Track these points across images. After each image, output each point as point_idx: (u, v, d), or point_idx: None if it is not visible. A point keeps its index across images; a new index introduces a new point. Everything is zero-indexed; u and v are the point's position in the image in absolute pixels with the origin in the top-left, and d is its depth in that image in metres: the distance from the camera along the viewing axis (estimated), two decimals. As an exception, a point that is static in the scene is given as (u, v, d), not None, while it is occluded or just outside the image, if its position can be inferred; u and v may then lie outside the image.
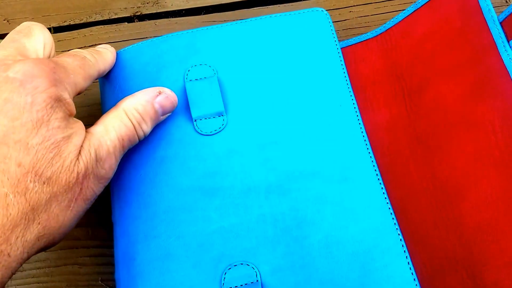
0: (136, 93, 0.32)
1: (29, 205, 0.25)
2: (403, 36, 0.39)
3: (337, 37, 0.42)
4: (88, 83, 0.32)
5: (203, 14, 0.45)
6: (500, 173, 0.32)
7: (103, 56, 0.35)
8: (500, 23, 0.35)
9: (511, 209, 0.31)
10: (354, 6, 0.43)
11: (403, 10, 0.40)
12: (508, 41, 0.34)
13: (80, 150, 0.28)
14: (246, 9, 0.45)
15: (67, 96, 0.29)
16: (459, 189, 0.33)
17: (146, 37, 0.44)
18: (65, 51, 0.43)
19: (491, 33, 0.35)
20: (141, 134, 0.31)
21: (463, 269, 0.32)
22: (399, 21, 0.39)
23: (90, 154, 0.28)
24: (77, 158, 0.28)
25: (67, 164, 0.27)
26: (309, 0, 0.44)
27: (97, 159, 0.29)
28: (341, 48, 0.40)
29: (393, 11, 0.43)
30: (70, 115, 0.29)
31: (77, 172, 0.27)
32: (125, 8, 0.45)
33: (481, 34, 0.35)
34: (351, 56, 0.40)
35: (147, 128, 0.32)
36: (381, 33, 0.40)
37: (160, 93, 0.33)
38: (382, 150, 0.36)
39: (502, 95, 0.33)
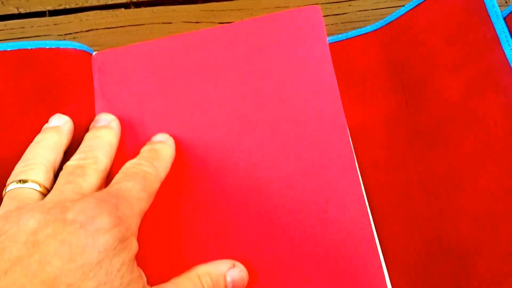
0: (210, 262, 0.28)
1: None
2: (404, 30, 0.36)
3: (336, 30, 0.39)
4: (152, 200, 0.28)
5: (201, 2, 0.41)
6: (500, 167, 0.30)
7: (163, 159, 0.29)
8: (504, 18, 0.32)
9: (509, 201, 0.29)
10: (353, 0, 0.40)
11: (403, 5, 0.36)
12: (512, 36, 0.31)
13: None
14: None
15: (132, 234, 0.25)
16: (457, 181, 0.31)
17: (143, 24, 0.40)
18: (62, 35, 0.39)
19: (494, 28, 0.32)
20: None
21: (456, 258, 0.29)
22: (401, 15, 0.36)
23: None
24: None
25: None
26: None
27: None
28: (340, 41, 0.37)
29: (392, 6, 0.39)
30: (134, 259, 0.25)
31: None
32: (122, -7, 0.41)
33: (484, 29, 0.33)
34: (350, 49, 0.37)
35: None
36: (382, 27, 0.37)
37: (234, 266, 0.28)
38: (381, 142, 0.34)
39: (504, 89, 0.31)
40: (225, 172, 0.30)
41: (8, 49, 0.32)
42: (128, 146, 0.31)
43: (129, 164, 0.28)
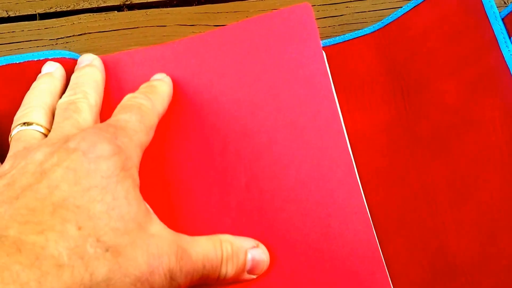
0: (236, 236, 0.27)
1: (86, 270, 0.21)
2: (402, 33, 0.35)
3: (333, 32, 0.38)
4: (151, 135, 0.28)
5: (195, 5, 0.40)
6: (500, 174, 0.29)
7: (159, 93, 0.30)
8: (502, 19, 0.32)
9: (511, 210, 0.28)
10: (351, 1, 0.39)
11: (400, 7, 0.36)
12: (510, 37, 0.31)
13: (156, 236, 0.24)
14: (239, 1, 0.40)
15: (133, 165, 0.25)
16: (459, 192, 0.30)
17: (137, 27, 0.39)
18: (53, 39, 0.38)
19: (492, 29, 0.32)
20: (223, 272, 0.26)
21: (462, 275, 0.28)
22: (398, 17, 0.35)
23: (170, 246, 0.24)
24: (150, 239, 0.23)
25: (136, 240, 0.23)
26: (304, -6, 0.40)
27: (177, 256, 0.24)
28: (337, 44, 0.36)
29: (390, 8, 0.39)
30: (139, 191, 0.25)
31: (149, 251, 0.23)
32: (114, -4, 0.40)
33: (482, 30, 0.32)
34: (348, 52, 0.36)
35: (230, 271, 0.26)
36: (379, 29, 0.36)
37: (258, 246, 0.28)
38: (381, 151, 0.33)
39: (503, 92, 0.30)
40: (224, 184, 0.29)
41: None
42: None
43: (126, 98, 0.29)
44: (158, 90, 0.30)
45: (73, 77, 0.30)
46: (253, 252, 0.27)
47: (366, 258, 0.27)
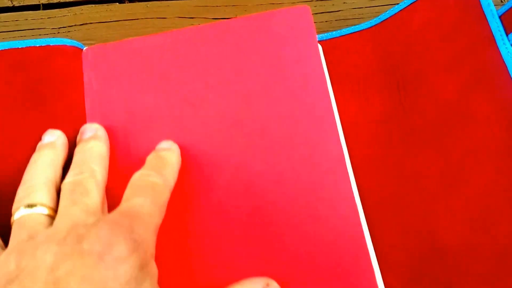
0: (242, 280, 0.26)
1: None
2: (399, 28, 0.34)
3: (330, 27, 0.37)
4: (164, 211, 0.26)
5: (196, -2, 0.40)
6: (494, 166, 0.28)
7: (169, 166, 0.28)
8: (499, 17, 0.31)
9: (503, 201, 0.28)
10: (348, -3, 0.39)
11: (397, 3, 0.35)
12: (507, 35, 0.30)
13: None
14: (238, -5, 0.40)
15: (151, 257, 0.23)
16: (452, 181, 0.30)
17: (138, 18, 0.39)
18: (55, 28, 0.38)
19: (489, 26, 0.31)
20: None
21: (449, 258, 0.28)
22: (395, 13, 0.35)
23: None
24: None
25: None
26: (303, -10, 0.39)
27: None
28: (334, 38, 0.36)
29: (386, 4, 0.38)
30: (155, 281, 0.23)
31: None
32: (117, -12, 0.40)
33: (479, 27, 0.32)
34: (345, 47, 0.36)
35: None
36: (376, 24, 0.35)
37: (268, 285, 0.26)
38: (376, 141, 0.33)
39: (499, 88, 0.30)
40: (216, 170, 0.29)
41: None
42: (119, 143, 0.30)
43: (137, 176, 0.27)
44: (168, 162, 0.28)
45: (77, 151, 0.29)
46: None
47: (351, 243, 0.27)
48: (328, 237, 0.28)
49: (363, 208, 0.29)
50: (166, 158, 0.28)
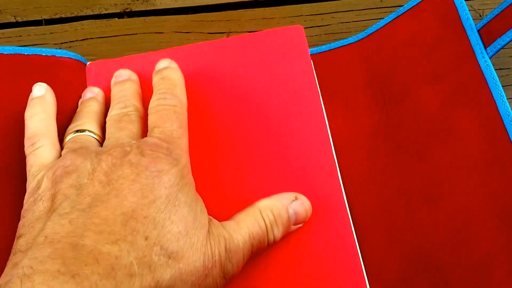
0: (273, 195, 0.28)
1: (153, 278, 0.22)
2: (384, 42, 0.35)
3: (319, 40, 0.38)
4: (187, 129, 0.29)
5: (191, 13, 0.40)
6: (476, 180, 0.29)
7: (178, 84, 0.30)
8: (478, 31, 0.32)
9: (483, 214, 0.28)
10: (336, 12, 0.39)
11: (383, 18, 0.36)
12: (485, 48, 0.31)
13: (209, 234, 0.25)
14: (231, 11, 0.40)
15: (188, 170, 0.26)
16: (435, 194, 0.30)
17: (136, 33, 0.39)
18: (57, 43, 0.39)
19: (469, 40, 0.32)
20: (271, 238, 0.27)
21: (434, 270, 0.28)
22: (380, 27, 0.36)
23: (219, 242, 0.25)
24: (206, 240, 0.24)
25: (195, 241, 0.24)
26: (293, 5, 0.40)
27: (226, 250, 0.25)
28: (323, 52, 0.36)
29: (373, 18, 0.39)
30: (196, 192, 0.26)
31: (204, 253, 0.24)
32: (115, 4, 0.41)
33: (459, 41, 0.32)
34: (333, 60, 0.36)
35: (278, 233, 0.27)
36: (363, 38, 0.36)
37: (296, 198, 0.28)
38: (363, 155, 0.33)
39: (479, 103, 0.30)
40: (209, 184, 0.29)
41: (6, 53, 0.31)
42: None
43: (155, 102, 0.29)
44: (175, 81, 0.30)
45: (116, 90, 0.31)
46: (293, 206, 0.27)
47: (343, 256, 0.28)
48: (321, 249, 0.28)
49: (352, 220, 0.30)
50: (171, 77, 0.30)
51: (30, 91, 0.30)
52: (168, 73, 0.30)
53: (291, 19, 0.39)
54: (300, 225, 0.28)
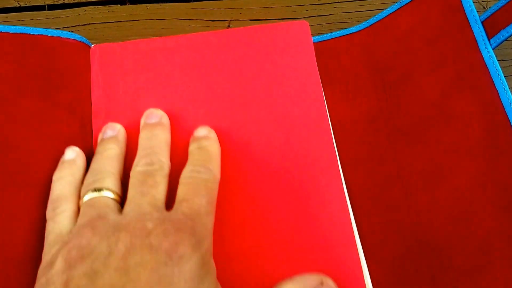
0: (297, 276, 0.25)
1: None
2: (386, 32, 0.35)
3: (322, 30, 0.38)
4: (215, 207, 0.27)
5: (193, 1, 0.40)
6: (475, 164, 0.29)
7: (214, 158, 0.28)
8: (482, 22, 0.31)
9: (483, 198, 0.28)
10: (338, 2, 0.39)
11: (385, 8, 0.35)
12: (489, 40, 0.31)
13: None
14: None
15: (210, 256, 0.24)
16: (434, 177, 0.30)
17: (138, 20, 0.39)
18: (60, 28, 0.38)
19: (472, 31, 0.31)
20: None
21: (432, 252, 0.28)
22: (383, 18, 0.35)
23: None
24: None
25: None
26: (296, -6, 0.39)
27: None
28: (325, 41, 0.36)
29: (375, 9, 0.38)
30: (216, 280, 0.24)
31: None
32: (119, -10, 0.40)
33: (462, 32, 0.32)
34: (335, 49, 0.36)
35: None
36: (365, 28, 0.36)
37: (322, 283, 0.25)
38: (362, 138, 0.33)
39: (481, 90, 0.30)
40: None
41: (11, 32, 0.31)
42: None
43: (187, 173, 0.27)
44: (212, 154, 0.28)
45: (144, 136, 0.29)
46: None
47: (341, 243, 0.28)
48: (318, 232, 0.28)
49: (350, 203, 0.30)
50: (209, 149, 0.28)
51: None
52: (206, 144, 0.29)
53: (293, 8, 0.39)
54: None
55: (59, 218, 0.25)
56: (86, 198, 0.26)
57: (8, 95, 0.29)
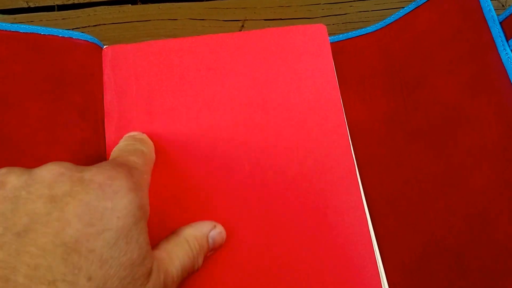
0: (194, 223, 0.27)
1: None
2: (403, 32, 0.34)
3: (337, 30, 0.37)
4: (150, 180, 0.27)
5: (206, 0, 0.40)
6: (493, 167, 0.28)
7: (149, 144, 0.29)
8: (500, 23, 0.31)
9: (501, 200, 0.28)
10: (354, 1, 0.39)
11: (402, 7, 0.35)
12: (507, 41, 0.30)
13: (150, 273, 0.22)
14: (248, -1, 0.39)
15: (146, 203, 0.23)
16: (452, 180, 0.30)
17: (150, 20, 0.38)
18: (70, 29, 0.38)
19: (490, 32, 0.31)
20: (196, 267, 0.26)
21: (450, 256, 0.28)
22: (400, 17, 0.35)
23: (160, 281, 0.23)
24: (148, 281, 0.22)
25: (138, 286, 0.21)
26: (310, -7, 0.39)
27: (164, 287, 0.23)
28: (340, 41, 0.36)
29: (392, 8, 0.38)
30: (146, 224, 0.23)
31: None
32: (130, -10, 0.40)
33: (480, 32, 0.31)
34: (351, 49, 0.35)
35: (201, 261, 0.26)
36: (381, 28, 0.35)
37: (215, 226, 0.27)
38: (379, 140, 0.33)
39: (499, 92, 0.30)
40: (229, 173, 0.29)
41: (21, 31, 0.30)
42: None
43: (124, 142, 0.28)
44: (146, 141, 0.29)
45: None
46: (212, 234, 0.27)
47: (358, 249, 0.28)
48: (336, 240, 0.28)
49: (367, 205, 0.30)
50: (145, 139, 0.29)
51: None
52: (143, 137, 0.29)
53: (308, 8, 0.39)
54: (212, 253, 0.28)
55: None
56: None
57: (19, 98, 0.29)
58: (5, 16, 0.38)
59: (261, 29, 0.33)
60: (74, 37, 0.31)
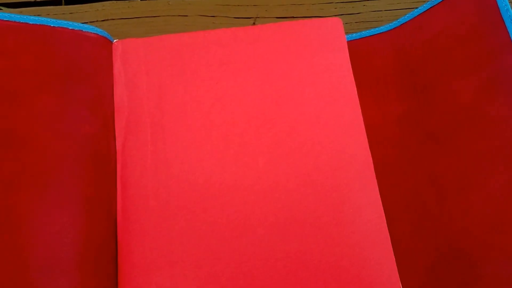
0: None
1: None
2: (418, 32, 0.34)
3: (350, 29, 0.37)
4: None
5: (217, -3, 0.39)
6: (509, 170, 0.28)
7: None
8: (518, 23, 0.30)
9: None
10: (367, 0, 0.38)
11: (415, 7, 0.35)
12: (526, 41, 0.30)
13: None
14: (259, -5, 0.39)
15: None
16: (467, 183, 0.29)
17: (159, 16, 0.38)
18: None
19: (508, 31, 0.31)
20: None
21: (465, 259, 0.28)
22: (414, 17, 0.34)
23: None
24: None
25: None
26: (322, -8, 0.38)
27: None
28: (353, 40, 0.35)
29: (405, 8, 0.38)
30: None
31: None
32: (139, -15, 0.39)
33: (497, 32, 0.31)
34: (365, 48, 0.35)
35: None
36: (395, 27, 0.35)
37: None
38: (393, 141, 0.32)
39: None
40: (242, 168, 0.28)
41: (30, 23, 0.29)
42: (146, 133, 0.29)
43: None
44: None
45: None
46: None
47: (375, 246, 0.27)
48: (353, 238, 0.27)
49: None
50: None
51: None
52: None
53: (320, 6, 0.38)
54: None
55: None
56: None
57: (26, 91, 0.28)
58: (12, 10, 0.38)
59: (274, 22, 0.32)
60: (84, 30, 0.31)
